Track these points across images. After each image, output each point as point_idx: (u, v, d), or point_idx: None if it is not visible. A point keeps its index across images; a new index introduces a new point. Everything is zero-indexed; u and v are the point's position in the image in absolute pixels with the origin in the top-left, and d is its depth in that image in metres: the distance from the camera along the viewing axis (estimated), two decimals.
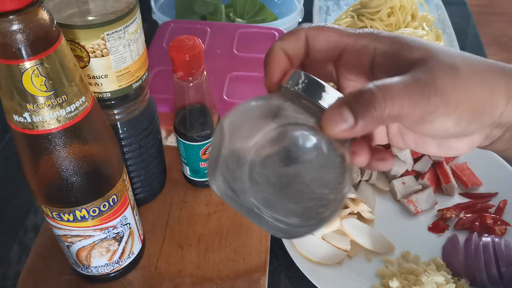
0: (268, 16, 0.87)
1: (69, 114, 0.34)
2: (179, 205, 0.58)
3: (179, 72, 0.47)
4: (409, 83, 0.25)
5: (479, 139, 0.29)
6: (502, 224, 0.60)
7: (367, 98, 0.25)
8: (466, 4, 1.08)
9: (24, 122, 0.33)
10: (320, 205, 0.27)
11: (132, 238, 0.47)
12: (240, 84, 0.65)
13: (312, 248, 0.56)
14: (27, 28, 0.30)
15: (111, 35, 0.40)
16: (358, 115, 0.25)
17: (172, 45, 0.46)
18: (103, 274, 0.48)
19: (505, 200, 0.63)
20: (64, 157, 0.36)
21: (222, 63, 0.68)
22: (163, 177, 0.59)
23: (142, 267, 0.51)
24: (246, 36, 0.73)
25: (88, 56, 0.40)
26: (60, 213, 0.40)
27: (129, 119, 0.48)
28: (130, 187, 0.46)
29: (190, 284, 0.50)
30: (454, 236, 0.59)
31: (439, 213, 0.62)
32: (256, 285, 0.50)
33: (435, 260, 0.57)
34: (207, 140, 0.54)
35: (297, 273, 0.55)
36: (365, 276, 0.56)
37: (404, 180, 0.65)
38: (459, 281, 0.55)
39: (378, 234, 0.59)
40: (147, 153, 0.52)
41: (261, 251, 0.53)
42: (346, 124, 0.25)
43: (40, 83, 0.32)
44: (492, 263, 0.54)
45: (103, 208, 0.41)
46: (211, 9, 0.86)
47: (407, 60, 0.27)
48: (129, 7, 0.40)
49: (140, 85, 0.45)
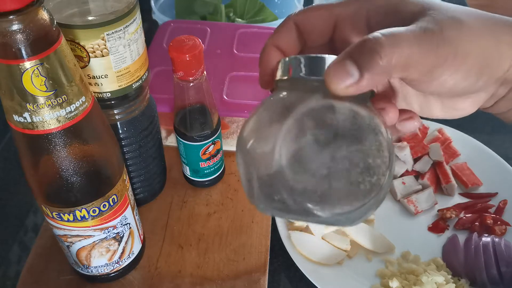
0: (268, 16, 0.87)
1: (69, 114, 0.34)
2: (179, 205, 0.58)
3: (179, 72, 0.47)
4: (416, 31, 0.24)
5: (484, 98, 0.28)
6: (502, 224, 0.60)
7: (372, 46, 0.23)
8: (466, 4, 1.08)
9: (24, 122, 0.33)
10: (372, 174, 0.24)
11: (132, 238, 0.47)
12: (240, 84, 0.65)
13: (312, 248, 0.56)
14: (27, 28, 0.30)
15: (111, 35, 0.40)
16: (363, 66, 0.23)
17: (172, 45, 0.46)
18: (103, 274, 0.48)
19: (505, 200, 0.63)
20: (64, 157, 0.36)
21: (222, 63, 0.68)
22: (163, 177, 0.59)
23: (142, 267, 0.51)
24: (246, 36, 0.73)
25: (88, 56, 0.40)
26: (60, 213, 0.40)
27: (129, 119, 0.48)
28: (130, 187, 0.46)
29: (190, 284, 0.50)
30: (454, 236, 0.59)
31: (439, 213, 0.62)
32: (256, 285, 0.50)
33: (435, 260, 0.57)
34: (207, 140, 0.53)
35: (297, 273, 0.55)
36: (365, 276, 0.56)
37: (404, 180, 0.65)
38: (459, 281, 0.55)
39: (378, 234, 0.59)
40: (147, 153, 0.52)
41: (261, 251, 0.53)
42: (352, 78, 0.23)
43: (40, 83, 0.31)
44: (492, 263, 0.54)
45: (103, 208, 0.41)
46: (211, 9, 0.86)
47: (407, 13, 0.26)
48: (129, 7, 0.40)
49: (140, 85, 0.45)
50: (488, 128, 0.76)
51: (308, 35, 0.30)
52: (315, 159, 0.24)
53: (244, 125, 0.27)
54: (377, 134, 0.25)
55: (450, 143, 0.69)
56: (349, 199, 0.25)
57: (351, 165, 0.24)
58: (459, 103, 0.29)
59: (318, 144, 0.24)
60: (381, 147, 0.25)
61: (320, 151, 0.24)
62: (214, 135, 0.54)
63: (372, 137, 0.25)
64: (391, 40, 0.23)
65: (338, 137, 0.24)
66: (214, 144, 0.55)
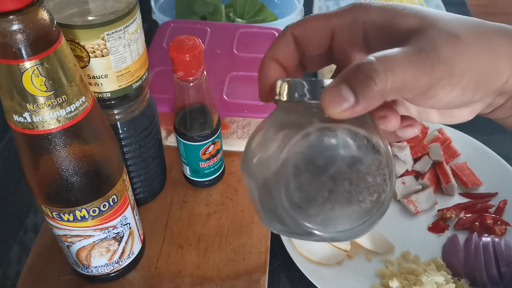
0: (268, 16, 0.87)
1: (69, 114, 0.34)
2: (179, 205, 0.58)
3: (179, 72, 0.47)
4: (410, 53, 0.24)
5: (481, 107, 0.29)
6: (502, 224, 0.60)
7: (366, 72, 0.23)
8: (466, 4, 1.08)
9: (24, 122, 0.33)
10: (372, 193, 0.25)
11: (132, 238, 0.47)
12: (240, 84, 0.65)
13: (312, 248, 0.56)
14: (27, 28, 0.30)
15: (111, 35, 0.40)
16: (358, 92, 0.23)
17: (172, 45, 0.46)
18: (103, 274, 0.48)
19: (505, 200, 0.63)
20: (64, 157, 0.36)
21: (222, 63, 0.68)
22: (163, 177, 0.59)
23: (142, 267, 0.51)
24: (246, 36, 0.73)
25: (88, 56, 0.40)
26: (60, 213, 0.40)
27: (129, 119, 0.48)
28: (130, 187, 0.46)
29: (190, 284, 0.50)
30: (454, 236, 0.59)
31: (439, 213, 0.62)
32: (256, 285, 0.50)
33: (435, 260, 0.57)
34: (207, 140, 0.53)
35: (297, 273, 0.55)
36: (365, 276, 0.56)
37: (404, 180, 0.65)
38: (459, 281, 0.55)
39: (378, 234, 0.59)
40: (147, 153, 0.52)
41: (261, 251, 0.53)
42: (347, 103, 0.23)
43: (40, 83, 0.32)
44: (492, 263, 0.54)
45: (103, 208, 0.41)
46: (211, 9, 0.86)
47: (402, 30, 0.26)
48: (129, 7, 0.40)
49: (140, 85, 0.45)
50: (488, 128, 0.76)
51: (306, 46, 0.29)
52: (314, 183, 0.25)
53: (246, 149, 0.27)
54: (376, 153, 0.25)
55: (450, 143, 0.69)
56: (351, 219, 0.25)
57: (351, 186, 0.25)
58: (457, 112, 0.30)
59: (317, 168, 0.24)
60: (381, 165, 0.25)
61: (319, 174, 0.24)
62: (214, 135, 0.54)
63: (372, 156, 0.25)
64: (385, 65, 0.23)
65: (338, 160, 0.24)
66: (214, 144, 0.55)
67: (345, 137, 0.25)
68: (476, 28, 0.25)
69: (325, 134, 0.25)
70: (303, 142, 0.25)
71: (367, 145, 0.25)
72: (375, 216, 0.25)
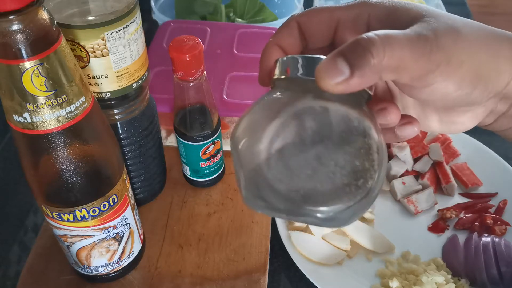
0: (268, 16, 0.87)
1: (69, 114, 0.34)
2: (179, 205, 0.58)
3: (179, 72, 0.47)
4: (410, 35, 0.24)
5: (483, 113, 0.28)
6: (502, 224, 0.60)
7: (365, 45, 0.23)
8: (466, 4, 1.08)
9: (24, 122, 0.33)
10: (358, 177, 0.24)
11: (132, 238, 0.47)
12: (240, 84, 0.65)
13: (312, 248, 0.56)
14: (27, 28, 0.30)
15: (111, 35, 0.40)
16: (354, 65, 0.22)
17: (172, 45, 0.46)
18: (103, 274, 0.48)
19: (505, 200, 0.63)
20: (64, 157, 0.36)
21: (222, 63, 0.68)
22: (163, 177, 0.59)
23: (142, 267, 0.51)
24: (246, 36, 0.73)
25: (88, 56, 0.40)
26: (60, 213, 0.40)
27: (129, 119, 0.48)
28: (130, 187, 0.46)
29: (190, 284, 0.50)
30: (454, 236, 0.59)
31: (439, 213, 0.62)
32: (256, 285, 0.50)
33: (435, 260, 0.57)
34: (207, 140, 0.54)
35: (297, 273, 0.55)
36: (365, 276, 0.56)
37: (404, 180, 0.65)
38: (459, 281, 0.55)
39: (378, 234, 0.59)
40: (147, 153, 0.52)
41: (261, 251, 0.53)
42: (342, 75, 0.22)
43: (40, 83, 0.32)
44: (492, 263, 0.54)
45: (103, 208, 0.41)
46: (211, 9, 0.86)
47: (404, 19, 0.26)
48: (129, 7, 0.40)
49: (140, 85, 0.45)
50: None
51: (310, 37, 0.30)
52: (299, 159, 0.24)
53: (237, 124, 0.27)
54: (367, 137, 0.25)
55: (450, 143, 0.69)
56: (333, 201, 0.24)
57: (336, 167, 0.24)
58: (457, 117, 0.29)
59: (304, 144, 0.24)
60: (370, 150, 0.24)
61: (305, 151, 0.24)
62: (214, 135, 0.54)
63: (361, 139, 0.24)
64: (384, 40, 0.23)
65: (326, 138, 0.24)
66: (214, 144, 0.55)
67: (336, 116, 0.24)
68: (478, 29, 0.26)
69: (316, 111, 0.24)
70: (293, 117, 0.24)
71: (358, 128, 0.24)
72: (361, 203, 0.25)
